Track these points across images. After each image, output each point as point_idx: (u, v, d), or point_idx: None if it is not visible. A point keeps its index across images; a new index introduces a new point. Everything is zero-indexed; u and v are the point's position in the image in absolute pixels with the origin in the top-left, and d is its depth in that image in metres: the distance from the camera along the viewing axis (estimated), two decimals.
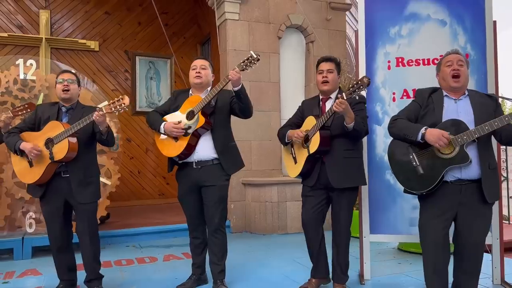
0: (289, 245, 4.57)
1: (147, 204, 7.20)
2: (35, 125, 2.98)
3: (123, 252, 4.34)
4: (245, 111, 2.98)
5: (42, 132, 2.89)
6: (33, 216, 4.36)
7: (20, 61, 4.54)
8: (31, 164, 2.87)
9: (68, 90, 2.93)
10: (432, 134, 2.30)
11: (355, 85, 2.56)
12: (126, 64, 7.45)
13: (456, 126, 2.30)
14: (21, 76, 4.50)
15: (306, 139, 2.88)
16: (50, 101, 4.53)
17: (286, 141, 3.06)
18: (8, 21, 6.69)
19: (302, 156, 2.92)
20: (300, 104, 3.20)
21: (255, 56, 2.76)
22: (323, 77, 2.95)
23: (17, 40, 6.46)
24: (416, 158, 2.41)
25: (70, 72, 3.08)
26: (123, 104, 2.76)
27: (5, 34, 6.35)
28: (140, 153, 7.43)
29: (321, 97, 3.04)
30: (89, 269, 2.99)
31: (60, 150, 2.78)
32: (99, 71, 7.24)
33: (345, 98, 2.59)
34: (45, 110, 3.01)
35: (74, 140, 2.82)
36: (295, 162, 3.00)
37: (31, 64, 4.58)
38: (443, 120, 2.37)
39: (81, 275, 3.06)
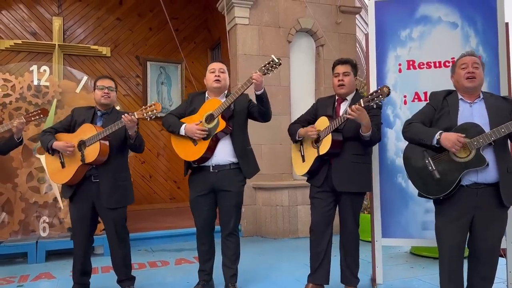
0: (300, 249, 4.55)
1: (159, 208, 7.23)
2: (70, 127, 3.05)
3: (135, 256, 4.32)
4: (266, 115, 2.96)
5: (76, 134, 2.96)
6: (47, 221, 4.42)
7: (34, 68, 4.62)
8: (63, 165, 2.95)
9: (108, 97, 3.00)
10: (448, 139, 2.27)
11: (374, 94, 2.51)
12: (137, 69, 7.52)
13: (472, 129, 2.27)
14: (35, 82, 4.58)
15: (317, 140, 2.87)
16: (63, 106, 4.61)
17: (297, 138, 3.03)
18: (22, 28, 6.80)
19: (311, 156, 2.91)
20: (315, 102, 3.18)
21: (276, 60, 2.74)
22: (339, 80, 2.92)
23: (31, 46, 6.57)
24: (432, 163, 2.38)
25: (110, 78, 3.11)
26: (155, 110, 2.79)
27: (19, 41, 6.47)
28: (151, 158, 7.48)
29: (336, 97, 3.02)
30: (119, 271, 3.08)
31: (91, 153, 2.84)
32: (111, 76, 7.31)
33: (362, 105, 2.55)
34: (81, 113, 3.08)
35: (106, 143, 2.88)
36: (303, 161, 3.00)
37: (45, 70, 4.65)
38: (458, 123, 2.35)
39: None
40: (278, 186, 5.33)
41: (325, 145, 2.78)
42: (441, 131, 2.32)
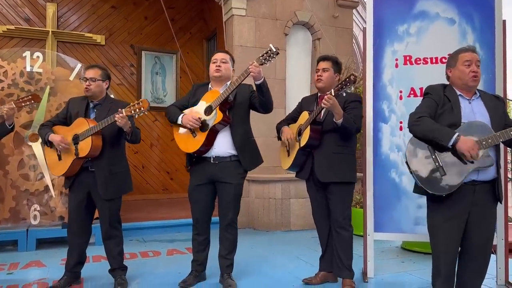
0: (293, 242, 4.57)
1: (151, 199, 7.22)
2: (67, 119, 3.05)
3: (126, 245, 4.27)
4: (267, 105, 2.97)
5: (70, 128, 2.97)
6: (38, 209, 4.38)
7: (27, 54, 4.55)
8: (59, 158, 2.96)
9: (89, 89, 2.98)
10: (466, 143, 2.18)
11: (343, 82, 2.64)
12: (132, 58, 7.44)
13: (480, 129, 2.25)
14: (28, 69, 4.52)
15: (299, 133, 2.97)
16: (56, 94, 4.56)
17: (281, 136, 3.14)
18: (15, 13, 6.70)
19: (294, 149, 3.01)
20: (300, 101, 3.29)
21: (274, 50, 2.73)
22: (317, 75, 3.03)
23: (24, 32, 6.46)
24: (439, 159, 2.32)
25: (95, 68, 3.04)
26: (142, 108, 2.77)
27: (12, 27, 6.37)
28: (144, 148, 7.44)
29: (319, 94, 3.10)
30: (112, 260, 3.08)
31: (84, 148, 2.85)
32: (105, 65, 7.22)
33: (333, 94, 2.67)
34: (75, 104, 3.08)
35: (98, 138, 2.87)
36: (288, 155, 3.09)
37: (38, 57, 4.59)
38: (462, 121, 2.31)
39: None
40: (271, 179, 5.33)
41: (305, 137, 2.88)
42: (458, 133, 2.23)
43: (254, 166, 3.07)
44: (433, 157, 2.35)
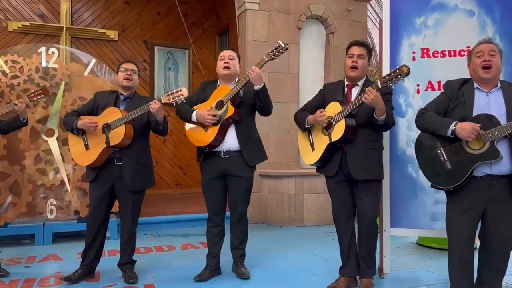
0: (306, 238, 4.55)
1: (164, 194, 7.26)
2: (93, 111, 3.07)
3: (141, 240, 4.35)
4: (263, 110, 3.04)
5: (100, 117, 2.98)
6: (54, 203, 4.43)
7: (42, 49, 4.59)
8: (87, 147, 2.97)
9: (130, 80, 3.03)
10: (463, 129, 2.22)
11: (392, 74, 2.39)
12: (145, 54, 7.47)
13: (487, 121, 2.22)
14: (43, 64, 4.55)
15: (328, 126, 2.73)
16: (70, 89, 4.59)
17: (306, 126, 2.88)
18: (30, 10, 6.76)
19: (321, 143, 2.78)
20: (322, 87, 3.06)
21: (283, 46, 2.75)
22: (352, 61, 2.77)
23: (39, 29, 6.53)
24: (444, 153, 2.34)
25: (133, 62, 3.16)
26: (181, 96, 2.81)
27: (27, 23, 6.43)
28: (158, 143, 7.46)
29: (346, 82, 2.88)
30: (124, 253, 3.10)
31: (116, 136, 2.87)
32: (118, 60, 7.23)
33: (379, 86, 2.46)
34: (103, 96, 3.12)
35: (130, 127, 2.91)
36: (312, 149, 2.87)
37: (53, 52, 4.63)
38: (474, 114, 2.29)
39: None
40: (284, 174, 5.31)
41: (338, 131, 2.65)
42: (456, 122, 2.27)
43: (257, 161, 3.09)
44: (439, 151, 2.37)
